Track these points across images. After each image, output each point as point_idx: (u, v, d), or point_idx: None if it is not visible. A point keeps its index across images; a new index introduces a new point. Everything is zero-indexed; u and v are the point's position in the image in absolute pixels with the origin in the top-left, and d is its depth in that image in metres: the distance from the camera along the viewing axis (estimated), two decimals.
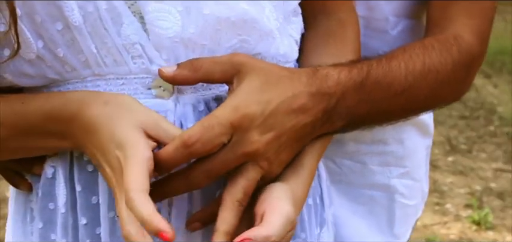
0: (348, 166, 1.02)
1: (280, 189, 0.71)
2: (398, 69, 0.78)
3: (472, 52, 0.85)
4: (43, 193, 0.76)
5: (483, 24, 0.88)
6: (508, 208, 3.09)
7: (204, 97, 0.72)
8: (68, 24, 0.68)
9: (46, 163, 0.76)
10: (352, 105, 0.74)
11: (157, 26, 0.69)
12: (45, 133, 0.71)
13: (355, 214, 1.03)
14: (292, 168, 0.74)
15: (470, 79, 0.88)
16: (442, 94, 0.84)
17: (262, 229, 0.65)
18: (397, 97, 0.78)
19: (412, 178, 1.05)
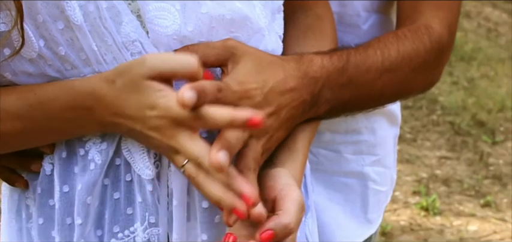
0: (324, 155, 1.07)
1: (285, 175, 0.74)
2: (374, 55, 0.83)
3: (442, 42, 0.91)
4: (42, 189, 0.77)
5: (451, 17, 0.93)
6: (453, 193, 3.20)
7: None
8: (69, 23, 0.69)
9: (44, 161, 0.77)
10: (336, 88, 0.79)
11: (157, 25, 0.71)
12: (68, 122, 0.72)
13: (331, 200, 1.08)
14: (289, 153, 0.78)
15: (441, 69, 0.93)
16: (416, 80, 0.89)
17: (281, 218, 0.68)
18: (376, 81, 0.83)
19: (383, 166, 1.11)
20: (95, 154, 0.74)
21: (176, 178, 0.74)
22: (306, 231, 0.87)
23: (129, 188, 0.75)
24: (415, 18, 0.92)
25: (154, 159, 0.74)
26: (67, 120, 0.71)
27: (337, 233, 1.08)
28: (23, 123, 0.71)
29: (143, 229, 0.75)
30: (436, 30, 0.90)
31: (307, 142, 0.81)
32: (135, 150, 0.73)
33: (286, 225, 0.69)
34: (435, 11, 0.92)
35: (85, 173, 0.74)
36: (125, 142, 0.73)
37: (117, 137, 0.74)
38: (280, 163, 0.77)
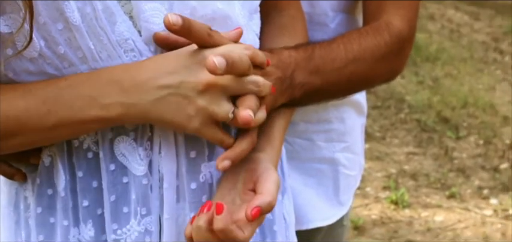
0: (298, 143, 1.17)
1: (265, 160, 0.84)
2: (338, 48, 0.95)
3: (402, 36, 1.02)
4: (41, 180, 0.83)
5: (410, 14, 1.04)
6: (420, 187, 3.32)
7: None
8: (68, 24, 0.75)
9: (43, 153, 0.83)
10: (306, 75, 0.89)
11: (152, 23, 0.78)
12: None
13: (306, 185, 1.18)
14: (268, 140, 0.87)
15: (403, 60, 1.04)
16: (379, 70, 1.00)
17: (264, 197, 0.77)
18: (342, 70, 0.94)
19: (352, 152, 1.22)
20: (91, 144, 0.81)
21: (167, 162, 0.81)
22: (283, 211, 0.96)
23: (125, 189, 0.81)
24: (379, 17, 1.02)
25: (146, 149, 0.81)
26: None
27: (312, 215, 1.18)
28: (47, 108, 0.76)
29: (137, 223, 0.82)
30: (396, 26, 1.01)
31: (282, 130, 0.90)
32: (129, 153, 0.80)
33: (269, 202, 0.77)
34: (396, 9, 1.02)
35: (84, 162, 0.81)
36: (118, 147, 0.80)
37: (108, 136, 0.80)
38: (260, 148, 0.86)
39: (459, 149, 3.72)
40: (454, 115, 4.12)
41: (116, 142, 0.81)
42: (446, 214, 3.05)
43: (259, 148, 0.86)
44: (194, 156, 0.83)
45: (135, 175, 0.81)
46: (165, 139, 0.81)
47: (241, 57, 0.76)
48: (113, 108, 0.76)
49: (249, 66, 0.77)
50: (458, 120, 4.06)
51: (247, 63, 0.77)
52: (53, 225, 0.84)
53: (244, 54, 0.77)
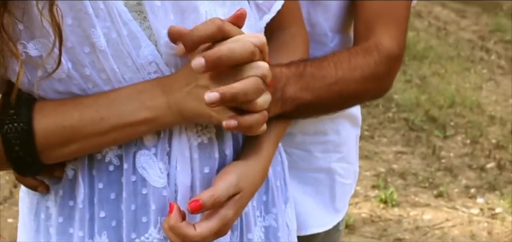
0: (296, 154, 1.23)
1: (231, 165, 0.89)
2: (328, 66, 1.00)
3: (391, 55, 1.07)
4: (64, 192, 0.90)
5: (399, 33, 1.10)
6: (409, 186, 3.38)
7: None
8: (94, 48, 0.81)
9: (67, 167, 0.89)
10: (297, 90, 0.94)
11: (170, 47, 0.84)
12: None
13: (304, 193, 1.24)
14: (253, 149, 0.93)
15: (392, 78, 1.10)
16: (369, 87, 1.05)
17: (207, 191, 0.84)
18: (332, 86, 0.99)
19: (347, 162, 1.28)
20: (113, 157, 0.87)
21: (182, 177, 0.88)
22: (286, 219, 1.03)
23: (145, 200, 0.87)
24: (368, 37, 1.07)
25: (165, 163, 0.87)
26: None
27: (310, 222, 1.24)
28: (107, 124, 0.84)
29: (157, 231, 0.88)
30: (385, 46, 1.06)
31: (272, 140, 0.95)
32: (149, 166, 0.87)
33: (210, 195, 0.83)
34: (385, 29, 1.08)
35: (105, 174, 0.87)
36: (139, 160, 0.87)
37: (132, 150, 0.87)
38: (244, 156, 0.92)
39: (447, 148, 3.79)
40: (442, 114, 4.18)
41: (138, 156, 0.87)
42: (434, 213, 3.12)
43: (242, 156, 0.92)
44: (208, 171, 0.90)
45: (154, 187, 0.87)
46: (182, 154, 0.88)
47: (241, 47, 0.80)
48: (159, 110, 0.84)
49: (249, 54, 0.80)
50: (446, 119, 4.13)
51: (248, 52, 0.80)
52: (71, 235, 0.91)
53: (248, 42, 0.80)
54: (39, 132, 0.82)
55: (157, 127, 0.86)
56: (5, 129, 0.82)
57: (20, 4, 0.79)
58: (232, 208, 0.86)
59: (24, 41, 0.81)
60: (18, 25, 0.80)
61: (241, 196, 0.88)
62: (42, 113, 0.83)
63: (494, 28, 6.09)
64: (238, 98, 0.80)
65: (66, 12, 0.80)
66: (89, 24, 0.81)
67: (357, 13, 1.11)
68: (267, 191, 0.99)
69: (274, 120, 0.94)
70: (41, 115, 0.83)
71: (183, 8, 0.85)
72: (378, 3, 1.09)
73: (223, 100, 0.79)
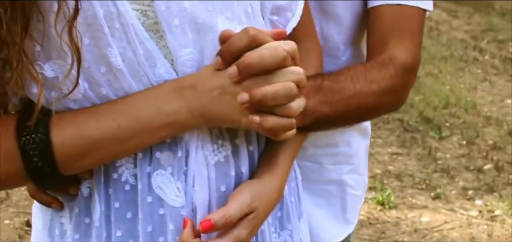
0: (308, 167, 1.22)
1: (246, 184, 0.89)
2: (345, 79, 1.00)
3: (406, 68, 1.07)
4: (80, 209, 0.89)
5: (413, 45, 1.10)
6: (406, 188, 3.39)
7: None
8: (111, 67, 0.81)
9: (82, 185, 0.88)
10: (316, 103, 0.95)
11: (188, 66, 0.84)
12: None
13: (315, 205, 1.23)
14: (269, 167, 0.92)
15: (407, 90, 1.10)
16: (386, 100, 1.05)
17: (219, 211, 0.84)
18: (350, 100, 0.99)
19: (358, 173, 1.27)
20: (129, 177, 0.86)
21: (200, 195, 0.87)
22: (301, 234, 1.02)
23: (162, 220, 0.86)
24: (383, 50, 1.07)
25: (182, 182, 0.86)
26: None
27: (322, 234, 1.23)
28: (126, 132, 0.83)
29: None
30: (400, 59, 1.06)
31: (288, 156, 0.95)
32: (166, 186, 0.86)
33: (222, 215, 0.83)
34: (399, 42, 1.08)
35: (121, 193, 0.86)
36: (155, 180, 0.86)
37: (146, 170, 0.86)
38: (257, 175, 0.91)
39: (442, 149, 3.80)
40: (437, 115, 4.20)
41: (154, 176, 0.86)
42: (432, 215, 3.13)
43: (258, 173, 0.92)
44: (224, 189, 0.89)
45: (172, 206, 0.86)
46: (199, 174, 0.87)
47: (271, 53, 0.81)
48: (179, 114, 0.84)
49: (280, 60, 0.81)
50: (441, 120, 4.14)
51: (279, 57, 0.81)
52: None
53: (279, 48, 0.82)
54: (57, 143, 0.82)
55: (177, 132, 0.86)
56: (23, 141, 0.81)
57: (39, 27, 0.79)
58: (246, 227, 0.86)
59: (40, 62, 0.81)
60: (36, 46, 0.80)
61: (256, 215, 0.87)
62: (59, 124, 0.82)
63: (487, 28, 6.12)
64: (267, 100, 0.81)
65: (83, 32, 0.80)
66: (105, 43, 0.81)
67: (371, 26, 1.11)
68: (281, 208, 0.99)
69: None
70: (58, 126, 0.82)
71: (201, 26, 0.84)
72: (391, 16, 1.08)
73: (253, 101, 0.80)
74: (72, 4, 0.78)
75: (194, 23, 0.84)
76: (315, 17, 1.09)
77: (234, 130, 0.90)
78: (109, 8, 0.81)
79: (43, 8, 0.79)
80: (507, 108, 4.39)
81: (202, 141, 0.88)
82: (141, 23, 0.83)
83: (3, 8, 0.74)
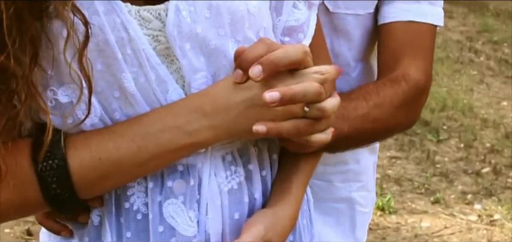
0: (317, 185, 1.21)
1: (260, 215, 0.87)
2: (357, 98, 0.99)
3: (419, 86, 1.06)
4: (90, 238, 0.87)
5: (425, 63, 1.09)
6: (405, 192, 3.39)
7: (231, 149, 0.87)
8: (125, 92, 0.80)
9: (92, 213, 0.87)
10: (333, 121, 0.93)
11: (200, 90, 0.83)
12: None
13: (325, 224, 1.22)
14: (282, 194, 0.91)
15: (420, 109, 1.09)
16: (399, 118, 1.05)
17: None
18: (366, 118, 0.99)
19: (367, 190, 1.26)
20: (141, 206, 0.85)
21: (213, 224, 0.86)
22: None
23: None
24: (395, 68, 1.06)
25: (195, 211, 0.85)
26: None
27: None
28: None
29: None
30: (412, 77, 1.05)
31: (301, 182, 0.93)
32: (178, 215, 0.84)
33: None
34: (412, 60, 1.07)
35: (133, 222, 0.85)
36: (167, 209, 0.84)
37: (158, 199, 0.84)
38: (270, 204, 0.90)
39: (441, 153, 3.80)
40: (434, 118, 4.20)
41: (165, 205, 0.84)
42: (432, 220, 3.12)
43: (271, 201, 0.90)
44: (238, 217, 0.87)
45: (183, 236, 0.84)
46: (212, 202, 0.86)
47: (294, 48, 0.81)
48: (201, 133, 0.81)
49: (303, 54, 0.80)
50: (439, 123, 4.14)
51: (301, 52, 0.80)
52: None
53: (299, 45, 0.82)
54: (75, 167, 0.80)
55: (198, 150, 0.84)
56: (40, 168, 0.79)
57: (49, 53, 0.77)
58: None
59: (54, 88, 0.79)
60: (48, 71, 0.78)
61: None
62: (76, 147, 0.81)
63: (482, 29, 6.13)
64: (297, 98, 0.79)
65: (94, 58, 0.78)
66: (118, 69, 0.80)
67: (382, 43, 1.10)
68: (294, 232, 0.97)
69: (303, 160, 0.92)
70: (75, 149, 0.80)
71: (212, 50, 0.83)
72: (403, 33, 1.08)
73: (283, 100, 0.77)
74: (82, 30, 0.76)
75: (206, 47, 0.83)
76: (326, 34, 1.07)
77: (247, 155, 0.89)
78: (120, 33, 0.79)
79: (52, 34, 0.77)
80: (503, 111, 4.39)
81: (215, 168, 0.86)
82: (152, 48, 0.81)
83: (12, 40, 0.72)
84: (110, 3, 0.79)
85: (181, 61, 0.82)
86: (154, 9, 0.82)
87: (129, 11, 0.80)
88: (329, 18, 1.12)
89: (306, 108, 0.81)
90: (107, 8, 0.79)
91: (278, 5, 0.93)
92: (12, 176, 0.77)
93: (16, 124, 0.77)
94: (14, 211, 0.82)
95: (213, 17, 0.82)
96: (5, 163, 0.76)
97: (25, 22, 0.73)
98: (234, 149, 0.88)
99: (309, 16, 0.97)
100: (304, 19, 0.96)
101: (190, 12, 0.81)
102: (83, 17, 0.76)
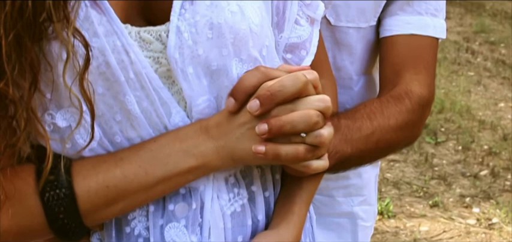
0: (319, 200, 1.19)
1: (262, 236, 0.86)
2: (362, 117, 0.97)
3: (422, 102, 1.05)
4: None
5: (428, 78, 1.08)
6: (404, 196, 3.38)
7: (234, 170, 0.86)
8: (129, 115, 0.79)
9: (92, 237, 0.85)
10: (337, 143, 0.92)
11: (204, 114, 0.82)
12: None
13: (326, 239, 1.21)
14: (284, 215, 0.89)
15: (423, 124, 1.08)
16: (403, 135, 1.03)
17: None
18: (369, 137, 0.97)
19: (369, 204, 1.25)
20: (142, 230, 0.83)
21: None
22: None
23: None
24: (397, 82, 1.05)
25: (197, 234, 0.83)
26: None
27: None
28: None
29: None
30: (415, 93, 1.04)
31: (303, 202, 0.92)
32: (179, 238, 0.83)
33: None
34: (414, 74, 1.05)
35: None
36: (169, 233, 0.83)
37: (159, 222, 0.83)
38: (273, 225, 0.88)
39: (439, 155, 3.79)
40: (432, 120, 4.19)
41: (167, 229, 0.83)
42: (431, 224, 3.11)
43: (274, 222, 0.89)
44: (241, 240, 0.86)
45: None
46: (215, 225, 0.84)
47: (292, 81, 0.79)
48: (206, 155, 0.81)
49: (302, 86, 0.79)
50: (436, 125, 4.14)
51: (299, 84, 0.79)
52: None
53: (299, 74, 0.80)
54: (82, 196, 0.79)
55: (205, 173, 0.83)
56: (47, 197, 0.78)
57: (48, 76, 0.75)
58: None
59: (52, 112, 0.78)
60: (46, 94, 0.77)
61: None
62: (82, 174, 0.79)
63: (479, 29, 6.13)
64: (286, 129, 0.78)
65: (95, 81, 0.77)
66: (121, 92, 0.78)
67: (384, 56, 1.08)
68: None
69: (305, 179, 0.90)
70: (81, 176, 0.79)
71: (215, 71, 0.82)
72: (405, 47, 1.06)
73: (272, 131, 0.78)
74: (82, 53, 0.74)
75: (208, 68, 0.81)
76: (328, 48, 1.06)
77: (250, 176, 0.87)
78: (121, 56, 0.78)
79: (51, 57, 0.75)
80: (501, 112, 4.39)
81: (218, 191, 0.85)
82: (154, 70, 0.80)
83: (11, 66, 0.70)
84: (110, 25, 0.77)
85: (182, 85, 0.81)
86: (154, 30, 0.80)
87: (129, 33, 0.79)
88: (331, 31, 1.11)
89: (303, 134, 0.80)
90: (107, 30, 0.77)
91: (280, 21, 0.92)
92: (13, 204, 0.76)
93: (15, 150, 0.76)
94: (13, 238, 0.80)
95: (215, 37, 0.81)
96: (5, 191, 0.74)
97: (25, 47, 0.71)
98: (237, 171, 0.86)
99: (312, 32, 0.95)
100: (306, 36, 0.95)
101: (192, 33, 0.80)
102: (83, 39, 0.75)
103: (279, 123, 0.78)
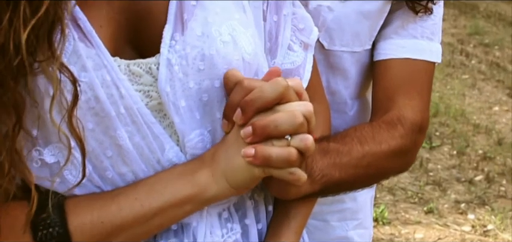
0: (313, 225, 1.18)
1: None
2: (352, 141, 0.95)
3: (415, 128, 1.03)
4: None
5: (422, 104, 1.05)
6: (398, 202, 3.37)
7: (227, 204, 0.84)
8: (121, 150, 0.77)
9: None
10: (324, 167, 0.90)
11: (198, 148, 0.80)
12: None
13: None
14: (277, 239, 0.88)
15: (416, 151, 1.06)
16: (395, 162, 1.01)
17: None
18: (360, 161, 0.94)
19: (364, 227, 1.23)
20: None
21: None
22: None
23: None
24: (389, 107, 1.02)
25: None
26: None
27: None
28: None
29: None
30: (408, 119, 1.01)
31: (291, 233, 0.90)
32: None
33: None
34: (407, 100, 1.03)
35: None
36: None
37: None
38: None
39: (433, 160, 3.78)
40: None
41: None
42: (426, 231, 3.10)
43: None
44: None
45: None
46: None
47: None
48: (202, 181, 0.79)
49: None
50: (431, 129, 4.13)
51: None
52: None
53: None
54: (76, 233, 0.77)
55: (203, 203, 0.81)
56: (39, 236, 0.76)
57: (33, 112, 0.73)
58: None
59: (39, 148, 0.75)
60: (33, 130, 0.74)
61: None
62: (76, 211, 0.78)
63: (473, 31, 6.13)
64: (269, 129, 0.76)
65: (84, 116, 0.74)
66: (111, 127, 0.76)
67: (377, 80, 1.06)
68: None
69: (292, 208, 0.89)
70: (75, 214, 0.77)
71: (206, 103, 0.80)
72: (398, 71, 1.04)
73: (256, 132, 0.76)
74: (69, 88, 0.72)
75: (200, 100, 0.79)
76: (322, 72, 1.04)
77: (243, 209, 0.86)
78: (110, 90, 0.75)
79: (37, 93, 0.72)
80: (495, 116, 4.39)
81: (211, 227, 0.83)
82: (144, 104, 0.78)
83: None
84: (100, 58, 0.75)
85: (174, 119, 0.79)
86: (144, 63, 0.78)
87: (119, 66, 0.76)
88: (325, 55, 1.09)
89: (288, 136, 0.77)
90: (96, 63, 0.75)
91: (272, 47, 0.90)
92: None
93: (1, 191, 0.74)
94: None
95: (207, 68, 0.79)
96: None
97: (7, 87, 0.68)
98: (231, 204, 0.85)
99: (305, 58, 0.94)
100: (300, 62, 0.93)
101: (182, 65, 0.78)
102: (71, 75, 0.72)
103: (262, 122, 0.76)
